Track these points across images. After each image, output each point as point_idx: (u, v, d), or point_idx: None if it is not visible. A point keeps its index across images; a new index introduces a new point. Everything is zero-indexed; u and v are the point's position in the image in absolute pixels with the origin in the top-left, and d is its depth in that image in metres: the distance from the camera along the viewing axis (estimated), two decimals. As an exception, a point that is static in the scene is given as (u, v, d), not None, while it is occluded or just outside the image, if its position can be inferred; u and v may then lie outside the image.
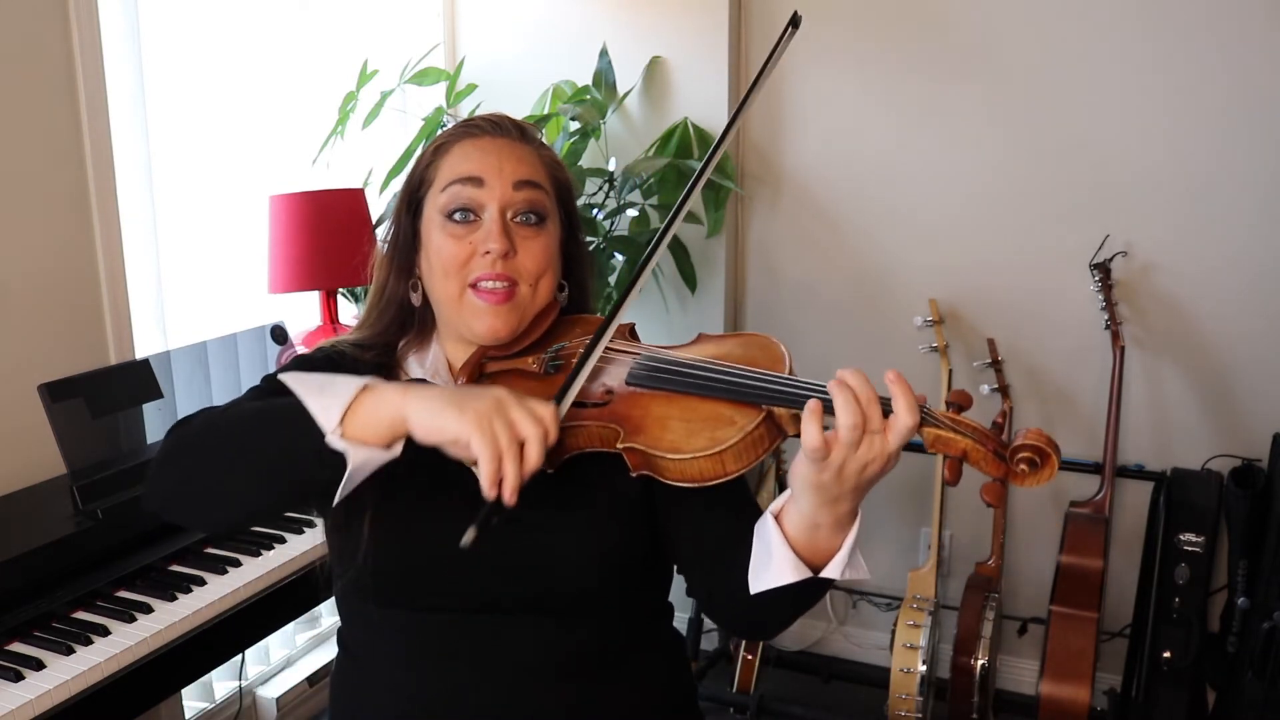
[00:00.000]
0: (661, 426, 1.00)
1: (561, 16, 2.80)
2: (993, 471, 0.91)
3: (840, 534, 0.97)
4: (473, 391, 0.94)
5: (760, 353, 1.05)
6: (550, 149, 1.23)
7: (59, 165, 1.86)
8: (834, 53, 2.67)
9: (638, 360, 1.07)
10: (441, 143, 1.18)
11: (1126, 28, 2.41)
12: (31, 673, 1.35)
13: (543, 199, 1.16)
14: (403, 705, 1.13)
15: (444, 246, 1.14)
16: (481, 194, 1.13)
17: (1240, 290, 2.42)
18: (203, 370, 1.89)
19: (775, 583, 0.99)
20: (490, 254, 1.11)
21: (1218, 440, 2.49)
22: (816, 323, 2.83)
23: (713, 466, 0.97)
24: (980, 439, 0.91)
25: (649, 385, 1.04)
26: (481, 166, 1.14)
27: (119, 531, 1.61)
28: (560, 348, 1.15)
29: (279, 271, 2.21)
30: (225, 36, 2.32)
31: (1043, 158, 2.54)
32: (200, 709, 2.30)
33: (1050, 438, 0.89)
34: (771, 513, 1.00)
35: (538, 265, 1.14)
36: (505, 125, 1.19)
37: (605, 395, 1.05)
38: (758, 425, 0.96)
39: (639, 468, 1.01)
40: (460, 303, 1.14)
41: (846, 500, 0.94)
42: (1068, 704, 2.29)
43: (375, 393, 0.94)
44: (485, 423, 0.90)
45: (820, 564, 0.98)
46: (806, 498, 0.95)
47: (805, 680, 2.83)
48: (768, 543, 1.00)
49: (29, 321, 1.82)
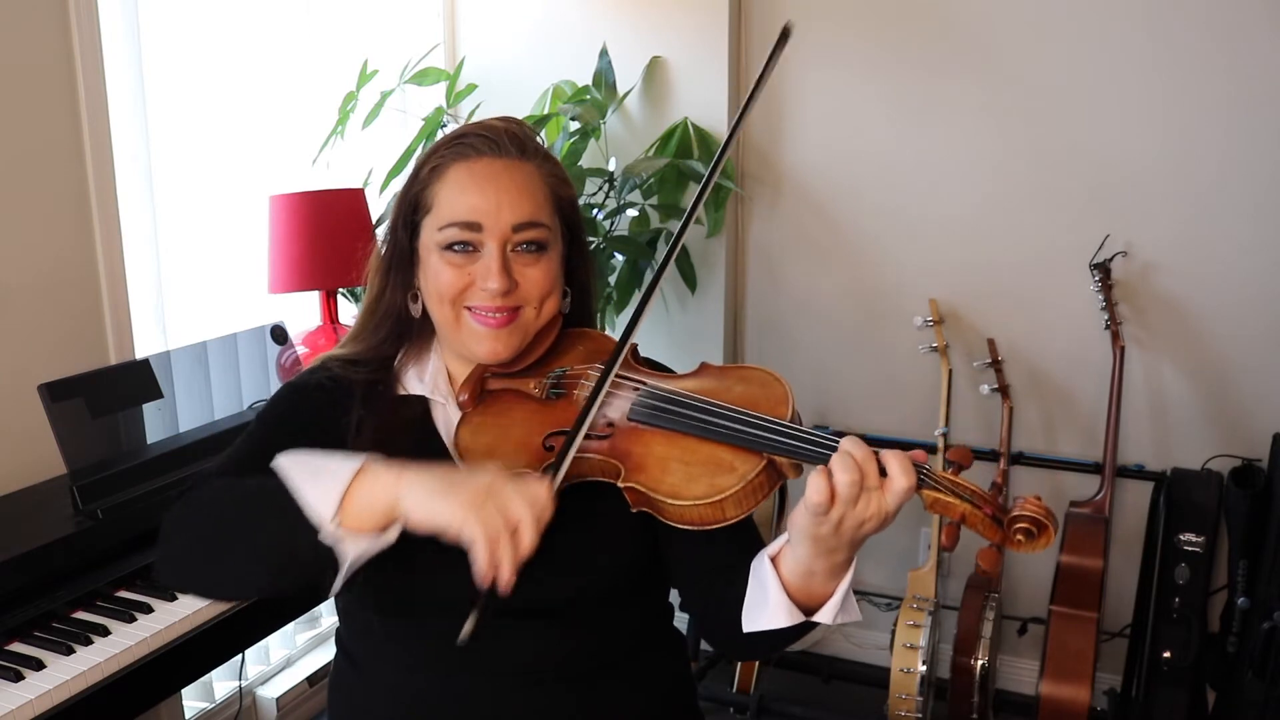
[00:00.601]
0: (662, 468, 0.99)
1: (561, 16, 2.80)
2: (989, 536, 0.91)
3: (834, 580, 0.98)
4: (465, 474, 0.93)
5: (762, 391, 1.04)
6: (552, 160, 1.19)
7: (59, 165, 1.86)
8: (834, 53, 2.67)
9: (640, 394, 1.06)
10: (436, 164, 1.14)
11: (1126, 28, 2.41)
12: (31, 673, 1.35)
13: (544, 234, 1.13)
14: (402, 709, 1.12)
15: (442, 273, 1.12)
16: (480, 235, 1.11)
17: (1240, 290, 2.42)
18: (203, 370, 1.89)
19: (769, 625, 1.00)
20: (489, 291, 1.10)
21: (1218, 440, 2.49)
22: (816, 323, 2.83)
23: (712, 513, 0.97)
24: (979, 503, 0.90)
25: (650, 423, 1.03)
26: (478, 207, 1.10)
27: (119, 531, 1.60)
28: (562, 373, 1.14)
29: (279, 271, 2.21)
30: (225, 36, 2.32)
31: (1043, 158, 2.54)
32: (200, 709, 2.30)
33: (1049, 509, 0.89)
34: (768, 555, 1.01)
35: (540, 290, 1.13)
36: (502, 141, 1.14)
37: (607, 428, 1.05)
38: (758, 473, 0.96)
39: (638, 505, 1.01)
40: (459, 325, 1.13)
41: (842, 551, 0.95)
42: (1068, 704, 2.28)
43: (369, 477, 0.94)
44: (477, 509, 0.89)
45: (813, 606, 0.99)
46: (803, 547, 0.95)
47: (805, 680, 2.83)
48: (764, 585, 1.01)
49: (29, 321, 1.82)
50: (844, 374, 2.81)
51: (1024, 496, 0.91)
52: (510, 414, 1.12)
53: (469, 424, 1.12)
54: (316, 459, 0.98)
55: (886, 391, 2.76)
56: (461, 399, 1.14)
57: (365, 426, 1.14)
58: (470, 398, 1.14)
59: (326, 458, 0.98)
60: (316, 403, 1.15)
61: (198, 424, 1.84)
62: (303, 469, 0.96)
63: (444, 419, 1.17)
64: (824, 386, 2.83)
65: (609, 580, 1.11)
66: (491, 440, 1.09)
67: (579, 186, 2.53)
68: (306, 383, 1.18)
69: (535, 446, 1.07)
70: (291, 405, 1.17)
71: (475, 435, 1.10)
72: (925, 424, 2.66)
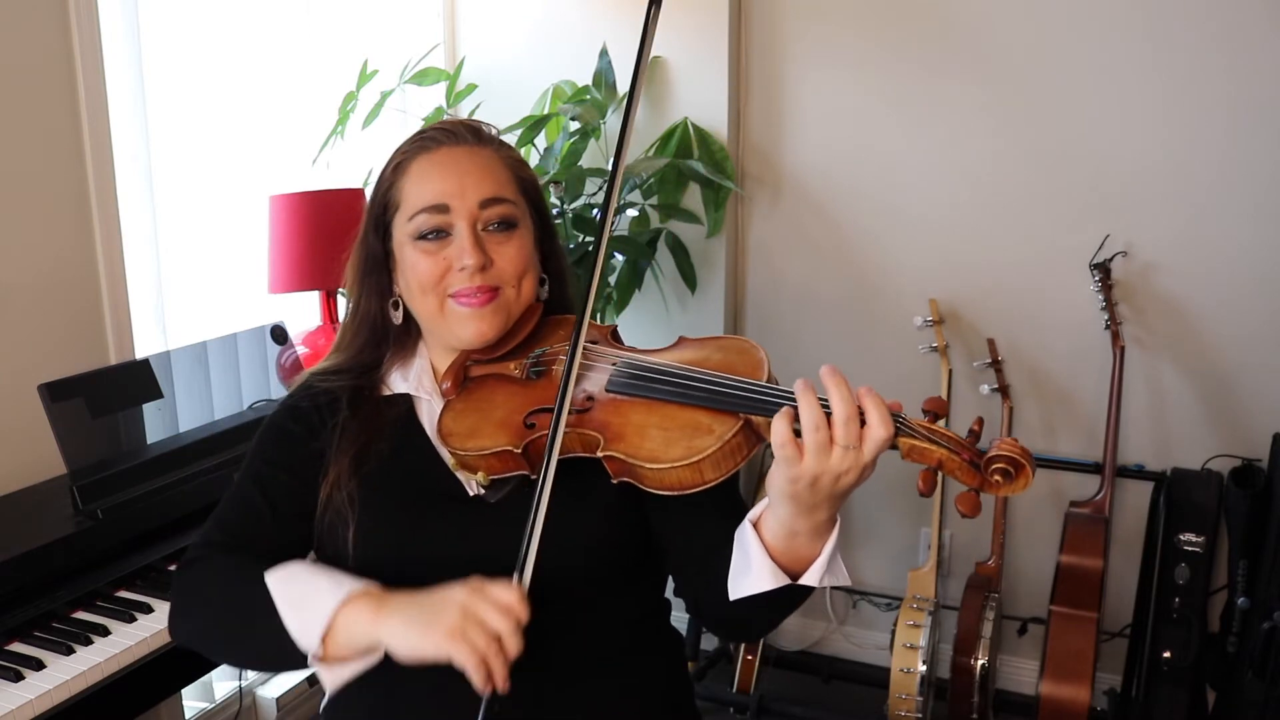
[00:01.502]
0: (640, 435, 1.00)
1: (561, 16, 2.80)
2: (968, 481, 0.91)
3: (819, 541, 0.97)
4: (435, 599, 0.97)
5: (739, 358, 1.06)
6: (509, 146, 1.22)
7: (59, 165, 1.86)
8: (835, 53, 2.67)
9: (617, 367, 1.07)
10: (398, 162, 1.17)
11: (1126, 27, 2.41)
12: (31, 673, 1.35)
13: (511, 210, 1.16)
14: (398, 706, 1.12)
15: (419, 263, 1.14)
16: (449, 218, 1.13)
17: (1240, 290, 2.42)
18: (203, 370, 1.89)
19: (754, 589, 0.99)
20: (466, 269, 1.12)
21: (1218, 440, 2.49)
22: (817, 322, 2.83)
23: (691, 475, 0.97)
24: (955, 448, 0.91)
25: (628, 393, 1.04)
26: (443, 190, 1.13)
27: (119, 531, 1.61)
28: (541, 353, 1.15)
29: (279, 271, 2.21)
30: (225, 36, 2.32)
31: (1043, 157, 2.54)
32: (200, 709, 2.30)
33: (1024, 447, 0.89)
34: (750, 520, 1.01)
35: (516, 267, 1.15)
36: (459, 131, 1.17)
37: (586, 402, 1.06)
38: (735, 434, 0.97)
39: (619, 475, 1.02)
40: (443, 314, 1.15)
41: (823, 509, 0.94)
42: (1068, 704, 2.28)
43: (351, 614, 0.99)
44: (459, 635, 0.93)
45: (800, 570, 0.98)
46: (783, 506, 0.95)
47: (805, 680, 2.83)
48: (746, 550, 1.00)
49: (29, 321, 1.82)
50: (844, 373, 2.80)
51: (999, 438, 0.91)
52: (492, 397, 1.13)
53: (451, 410, 1.13)
54: (303, 582, 1.04)
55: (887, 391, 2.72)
56: (445, 387, 1.15)
57: (348, 430, 1.16)
58: (453, 385, 1.15)
59: (313, 580, 1.04)
60: (303, 426, 1.18)
61: (198, 424, 1.84)
62: (289, 595, 1.03)
63: (428, 414, 1.19)
64: (824, 386, 2.82)
65: (595, 558, 1.11)
66: (473, 423, 1.10)
67: (579, 186, 2.53)
68: (290, 407, 1.21)
69: (516, 424, 1.08)
70: (278, 438, 1.19)
71: (457, 419, 1.11)
72: (925, 424, 2.66)
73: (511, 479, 1.09)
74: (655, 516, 1.13)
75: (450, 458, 1.09)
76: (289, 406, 1.21)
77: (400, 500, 1.13)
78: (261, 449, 1.20)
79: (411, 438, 1.17)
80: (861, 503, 2.80)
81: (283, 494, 1.16)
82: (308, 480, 1.15)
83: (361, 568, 1.10)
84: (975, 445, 0.91)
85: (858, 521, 2.85)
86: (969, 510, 0.91)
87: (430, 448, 1.16)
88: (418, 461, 1.16)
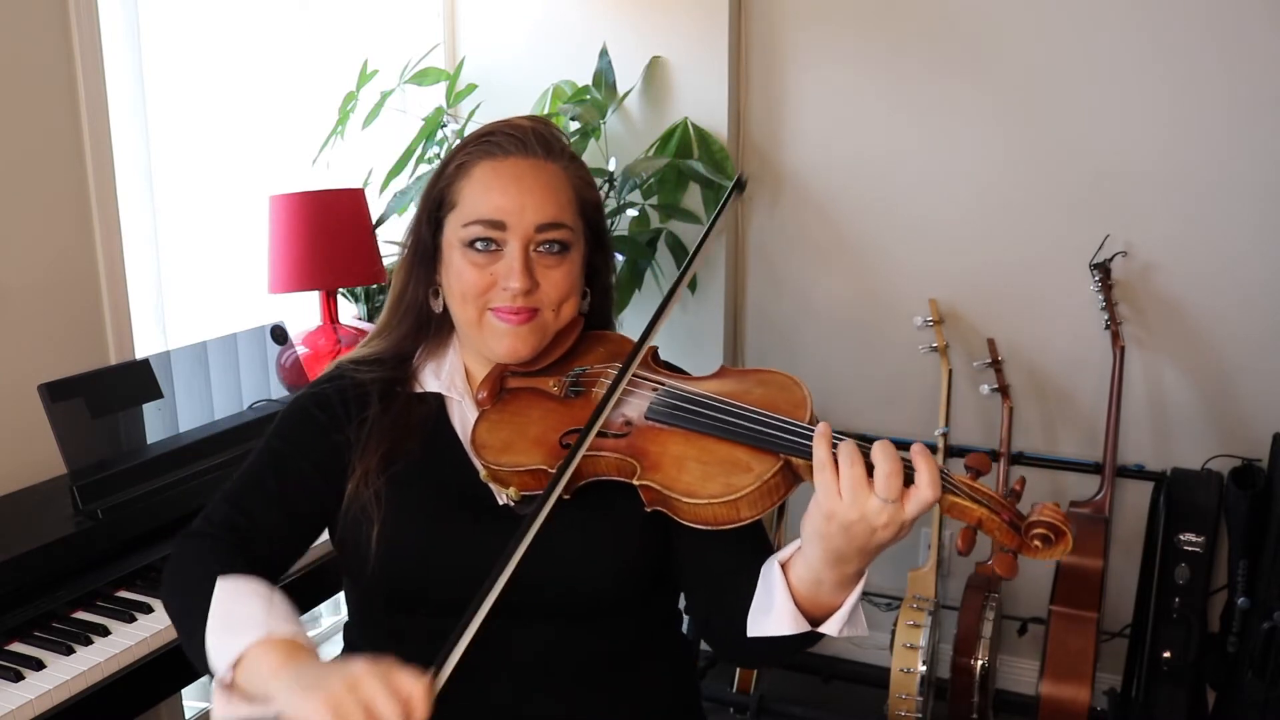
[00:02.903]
0: (678, 467, 0.99)
1: (561, 16, 2.80)
2: (1006, 542, 0.90)
3: (843, 592, 0.96)
4: (338, 667, 0.89)
5: (781, 394, 1.03)
6: (579, 161, 1.19)
7: (59, 166, 1.86)
8: (835, 53, 2.67)
9: (658, 394, 1.06)
10: (462, 161, 1.15)
11: (1127, 27, 2.41)
12: (31, 673, 1.34)
13: (567, 235, 1.13)
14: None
15: (464, 272, 1.12)
16: (503, 234, 1.11)
17: (1240, 290, 2.42)
18: (203, 370, 1.89)
19: (773, 631, 0.99)
20: (510, 290, 1.10)
21: (1218, 440, 2.49)
22: (817, 322, 2.83)
23: (727, 512, 0.96)
24: (997, 509, 0.90)
25: (668, 422, 1.03)
26: (502, 207, 1.11)
27: (119, 531, 1.60)
28: (581, 372, 1.14)
29: (279, 271, 2.21)
30: (225, 37, 2.32)
31: (1043, 157, 2.54)
32: (200, 709, 2.29)
33: (1066, 515, 0.89)
34: (779, 560, 1.00)
35: (560, 293, 1.14)
36: (530, 142, 1.14)
37: (624, 427, 1.05)
38: (774, 474, 0.95)
39: (653, 504, 1.00)
40: (480, 325, 1.13)
41: (854, 561, 0.93)
42: (1068, 704, 2.28)
43: (261, 653, 0.94)
44: (332, 708, 0.84)
45: (820, 616, 0.98)
46: (814, 550, 0.93)
47: (805, 680, 2.83)
48: (771, 590, 0.99)
49: (29, 321, 1.82)
50: (844, 374, 2.81)
51: (1041, 503, 0.90)
52: (528, 412, 1.12)
53: (486, 420, 1.12)
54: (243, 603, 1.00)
55: (887, 391, 2.76)
56: (480, 396, 1.14)
57: (378, 426, 1.14)
58: (489, 395, 1.14)
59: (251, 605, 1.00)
60: (328, 415, 1.16)
61: (198, 424, 1.84)
62: (223, 610, 0.99)
63: (460, 416, 1.18)
64: (824, 386, 2.83)
65: (611, 581, 1.10)
66: (508, 436, 1.09)
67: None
68: (318, 394, 1.18)
69: (552, 444, 1.07)
70: (301, 421, 1.17)
71: (492, 431, 1.11)
72: (925, 424, 2.66)
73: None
74: (678, 537, 1.12)
75: (483, 469, 1.08)
76: (316, 393, 1.18)
77: (427, 503, 1.12)
78: (282, 429, 1.18)
79: (442, 439, 1.16)
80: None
81: (294, 479, 1.14)
82: (324, 470, 1.14)
83: (383, 567, 1.09)
84: (1016, 506, 0.91)
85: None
86: (1006, 573, 0.90)
87: (461, 452, 1.15)
88: (448, 465, 1.15)
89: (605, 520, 1.08)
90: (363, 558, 1.11)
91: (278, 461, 1.15)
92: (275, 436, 1.17)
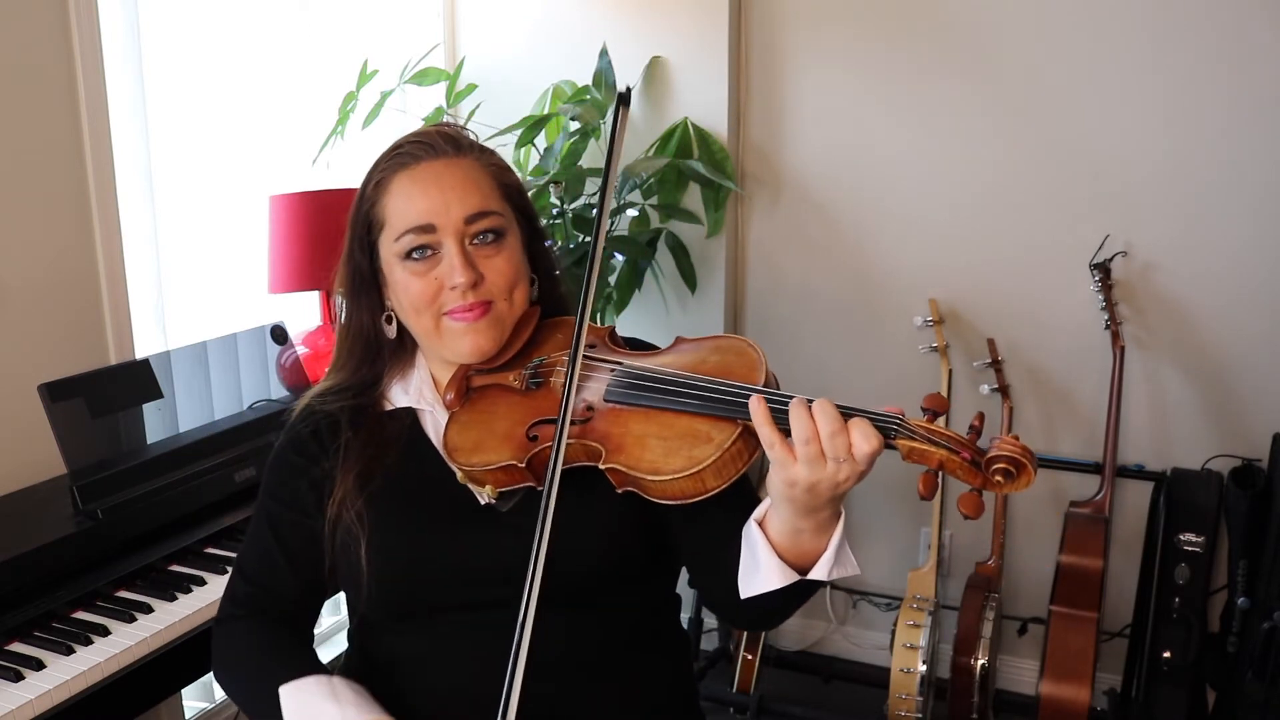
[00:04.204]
0: (640, 446, 1.00)
1: (561, 16, 2.80)
2: (969, 481, 0.90)
3: (825, 535, 0.97)
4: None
5: (736, 359, 1.05)
6: (490, 151, 1.20)
7: (59, 166, 1.86)
8: (835, 53, 2.67)
9: (615, 375, 1.07)
10: (379, 179, 1.16)
11: (1127, 28, 2.41)
12: (31, 673, 1.35)
13: (498, 221, 1.14)
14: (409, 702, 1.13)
15: (410, 284, 1.13)
16: (436, 236, 1.12)
17: (1240, 290, 2.42)
18: (203, 370, 1.89)
19: (763, 588, 0.99)
20: (458, 288, 1.11)
21: (1218, 440, 2.49)
22: (816, 322, 2.83)
23: (693, 485, 0.97)
24: (956, 448, 0.90)
25: (627, 402, 1.04)
26: (427, 209, 1.11)
27: (119, 531, 1.60)
28: (540, 362, 1.15)
29: (279, 271, 2.21)
30: (225, 37, 2.32)
31: (1043, 158, 2.54)
32: (200, 709, 2.30)
33: (1025, 445, 0.89)
34: (755, 519, 1.00)
35: (506, 279, 1.14)
36: (436, 143, 1.15)
37: (586, 412, 1.06)
38: (734, 440, 0.96)
39: (623, 485, 1.01)
40: (439, 332, 1.14)
41: (826, 508, 0.94)
42: (1068, 704, 2.28)
43: None
44: None
45: (808, 564, 0.98)
46: (785, 507, 0.95)
47: (805, 680, 2.83)
48: (754, 549, 1.00)
49: (29, 321, 1.82)
50: (844, 374, 2.81)
51: (1000, 436, 0.90)
52: (494, 409, 1.13)
53: (456, 422, 1.13)
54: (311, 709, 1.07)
55: (887, 391, 2.75)
56: (448, 399, 1.15)
57: (351, 449, 1.16)
58: (456, 396, 1.15)
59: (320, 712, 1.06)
60: (305, 455, 1.18)
61: (198, 424, 1.84)
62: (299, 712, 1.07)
63: (434, 425, 1.19)
64: (824, 386, 2.83)
65: (598, 560, 1.11)
66: (478, 436, 1.10)
67: (579, 186, 2.53)
68: (292, 438, 1.21)
69: (519, 438, 1.07)
70: (283, 471, 1.20)
71: (462, 433, 1.11)
72: (925, 424, 2.66)
73: (520, 489, 1.09)
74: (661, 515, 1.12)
75: (459, 472, 1.09)
76: (290, 438, 1.21)
77: (412, 513, 1.13)
78: (269, 486, 1.21)
79: (419, 450, 1.17)
80: (861, 503, 2.80)
81: (292, 533, 1.17)
82: (312, 511, 1.16)
83: (378, 583, 1.11)
84: (976, 444, 0.91)
85: (858, 522, 2.85)
86: (972, 511, 0.90)
87: (439, 459, 1.15)
88: (427, 474, 1.15)
89: (586, 499, 1.08)
90: (356, 577, 1.12)
91: (274, 524, 1.19)
92: (266, 495, 1.21)
